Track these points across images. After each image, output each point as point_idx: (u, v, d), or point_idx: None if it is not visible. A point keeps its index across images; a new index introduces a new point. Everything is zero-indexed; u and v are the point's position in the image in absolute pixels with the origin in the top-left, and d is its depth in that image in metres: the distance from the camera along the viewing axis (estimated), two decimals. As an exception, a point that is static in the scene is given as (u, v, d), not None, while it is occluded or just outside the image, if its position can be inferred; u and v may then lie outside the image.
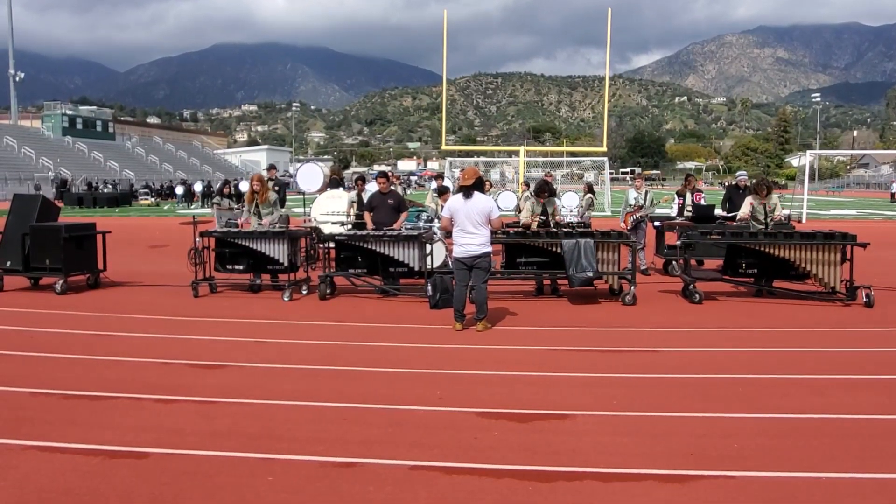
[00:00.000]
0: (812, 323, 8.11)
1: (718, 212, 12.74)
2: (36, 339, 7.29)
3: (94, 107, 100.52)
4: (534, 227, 10.05)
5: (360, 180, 13.17)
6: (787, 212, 15.45)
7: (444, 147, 37.24)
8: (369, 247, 9.69)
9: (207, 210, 32.19)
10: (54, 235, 10.08)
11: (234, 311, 8.83)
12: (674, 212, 13.02)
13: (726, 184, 28.80)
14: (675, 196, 13.15)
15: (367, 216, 10.60)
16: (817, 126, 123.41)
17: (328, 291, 9.74)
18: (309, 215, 14.26)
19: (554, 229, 9.80)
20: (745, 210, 10.42)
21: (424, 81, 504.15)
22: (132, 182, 59.77)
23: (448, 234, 8.37)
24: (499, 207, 8.49)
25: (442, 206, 11.88)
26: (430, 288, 9.09)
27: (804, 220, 24.43)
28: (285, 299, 9.55)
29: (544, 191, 10.32)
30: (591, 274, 9.13)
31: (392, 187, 12.91)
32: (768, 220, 10.17)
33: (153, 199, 47.72)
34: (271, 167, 13.82)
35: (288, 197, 16.26)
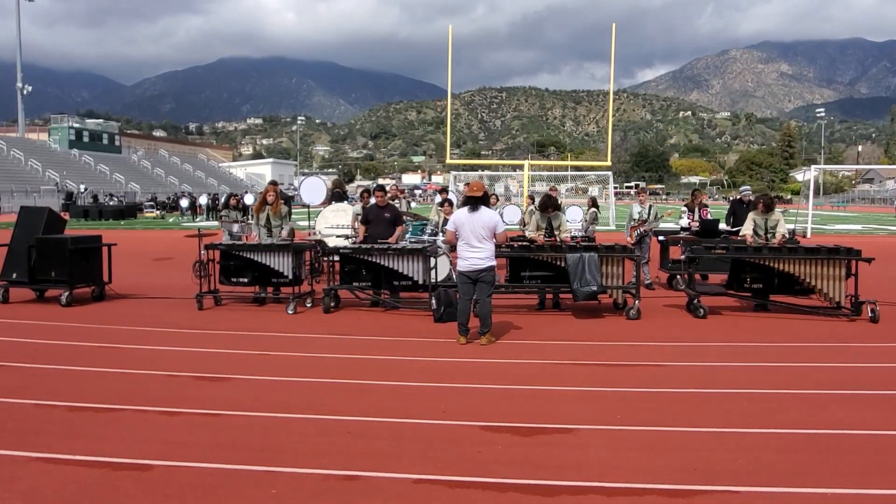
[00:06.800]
0: (817, 338, 8.08)
1: (722, 226, 12.74)
2: (41, 350, 7.31)
3: (101, 120, 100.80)
4: (540, 241, 10.04)
5: (365, 193, 13.21)
6: (791, 226, 15.41)
7: (448, 161, 37.22)
8: (374, 260, 9.71)
9: (212, 223, 32.30)
10: (60, 248, 10.13)
11: (238, 324, 8.85)
12: (685, 222, 12.93)
13: (730, 198, 28.79)
14: (687, 210, 13.10)
15: (362, 229, 10.60)
16: (822, 141, 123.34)
17: (332, 304, 9.76)
18: (313, 228, 14.30)
19: (558, 243, 9.81)
20: (748, 227, 10.33)
21: (429, 95, 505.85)
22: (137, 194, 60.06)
23: (453, 247, 8.39)
24: (504, 221, 8.50)
25: (445, 218, 11.92)
26: (434, 301, 9.11)
27: (809, 235, 24.39)
28: (289, 312, 9.57)
29: (548, 206, 10.31)
30: (595, 288, 9.13)
31: (397, 201, 12.98)
32: (768, 235, 10.10)
33: (158, 212, 47.84)
34: (273, 183, 13.89)
35: (293, 210, 16.31)
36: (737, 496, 3.82)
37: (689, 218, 12.86)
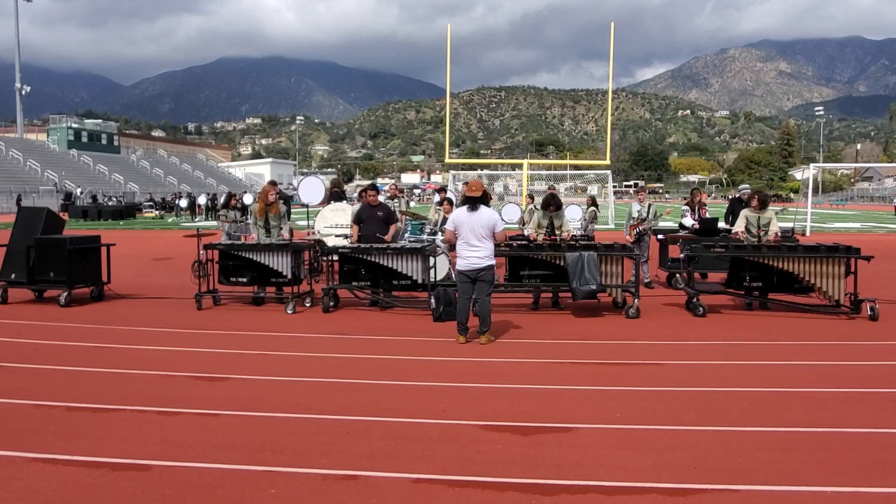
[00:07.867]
0: (816, 336, 8.08)
1: (721, 225, 12.72)
2: (40, 351, 7.30)
3: (100, 120, 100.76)
4: (539, 240, 10.02)
5: (364, 192, 13.19)
6: (790, 225, 15.39)
7: (447, 160, 37.22)
8: (373, 259, 9.70)
9: (211, 223, 32.28)
10: (59, 248, 10.11)
11: (237, 324, 8.84)
12: (689, 222, 12.86)
13: (729, 197, 28.78)
14: (689, 210, 13.05)
15: (355, 229, 10.57)
16: (821, 139, 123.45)
17: (331, 304, 9.75)
18: (312, 228, 14.30)
19: (558, 242, 9.80)
20: (740, 224, 10.28)
21: (428, 95, 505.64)
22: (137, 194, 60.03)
23: (452, 246, 8.38)
24: (503, 220, 8.49)
25: (444, 217, 11.90)
26: (433, 301, 9.10)
27: (808, 234, 24.39)
28: (289, 312, 9.56)
29: (550, 204, 10.30)
30: (594, 287, 9.13)
31: (396, 200, 12.97)
32: (761, 233, 10.04)
33: (157, 212, 47.80)
34: (272, 183, 13.91)
35: (292, 210, 16.32)
36: (736, 494, 3.82)
37: (692, 218, 12.82)
